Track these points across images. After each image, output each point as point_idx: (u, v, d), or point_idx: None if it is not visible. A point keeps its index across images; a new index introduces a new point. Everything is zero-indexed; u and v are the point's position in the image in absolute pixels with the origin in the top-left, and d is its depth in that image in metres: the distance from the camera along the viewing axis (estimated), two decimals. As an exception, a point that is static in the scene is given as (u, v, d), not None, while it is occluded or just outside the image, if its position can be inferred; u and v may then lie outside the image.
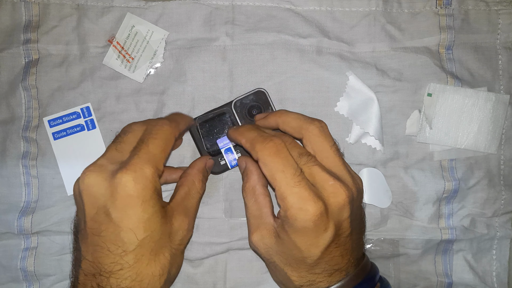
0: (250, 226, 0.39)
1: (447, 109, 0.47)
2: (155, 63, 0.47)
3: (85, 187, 0.34)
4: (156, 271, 0.34)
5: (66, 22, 0.46)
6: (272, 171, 0.35)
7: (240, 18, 0.47)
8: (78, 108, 0.46)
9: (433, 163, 0.47)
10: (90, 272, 0.34)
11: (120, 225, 0.33)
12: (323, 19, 0.47)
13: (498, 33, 0.48)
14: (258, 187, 0.40)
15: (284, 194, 0.34)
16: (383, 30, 0.47)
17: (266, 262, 0.39)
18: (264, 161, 0.35)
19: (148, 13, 0.47)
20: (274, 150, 0.35)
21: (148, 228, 0.33)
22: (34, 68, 0.46)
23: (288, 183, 0.34)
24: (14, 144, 0.46)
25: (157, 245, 0.34)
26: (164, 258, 0.35)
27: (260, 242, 0.38)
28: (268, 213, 0.38)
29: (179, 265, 0.38)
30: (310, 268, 0.36)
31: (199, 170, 0.41)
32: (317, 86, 0.47)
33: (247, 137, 0.38)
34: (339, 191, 0.35)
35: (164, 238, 0.35)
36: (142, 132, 0.37)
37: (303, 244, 0.35)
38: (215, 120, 0.45)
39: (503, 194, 0.47)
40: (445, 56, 0.47)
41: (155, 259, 0.34)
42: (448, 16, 0.47)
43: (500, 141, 0.47)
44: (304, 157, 0.36)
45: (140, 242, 0.33)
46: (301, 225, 0.34)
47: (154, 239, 0.34)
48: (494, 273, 0.47)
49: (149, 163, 0.34)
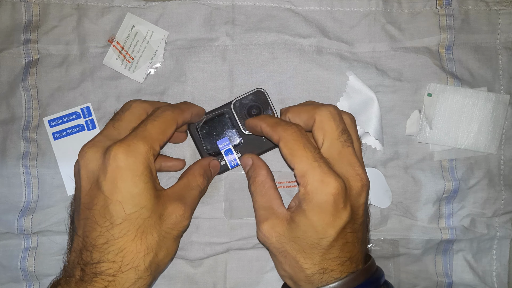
0: (260, 217, 0.38)
1: (447, 109, 0.47)
2: (155, 63, 0.47)
3: (82, 164, 0.35)
4: (141, 249, 0.34)
5: (66, 22, 0.46)
6: (293, 149, 0.36)
7: (240, 18, 0.47)
8: (78, 108, 0.46)
9: (433, 163, 0.47)
10: (77, 248, 0.34)
11: (109, 197, 0.33)
12: (323, 19, 0.47)
13: (498, 33, 0.48)
14: (268, 181, 0.40)
15: (305, 169, 0.35)
16: (383, 30, 0.47)
17: (275, 254, 0.38)
18: (286, 141, 0.36)
19: (148, 13, 0.47)
20: (296, 132, 0.37)
21: (137, 203, 0.33)
22: (34, 68, 0.46)
23: (309, 158, 0.35)
24: (14, 144, 0.46)
25: (145, 223, 0.34)
26: (151, 238, 0.34)
27: (271, 230, 0.37)
28: (279, 204, 0.39)
29: (170, 251, 0.37)
30: (324, 252, 0.35)
31: (201, 166, 0.42)
32: (317, 86, 0.47)
33: (268, 122, 0.39)
34: (360, 176, 0.36)
35: (154, 218, 0.35)
36: (141, 111, 0.39)
37: (320, 222, 0.34)
38: (214, 121, 0.45)
39: (503, 194, 0.47)
40: (445, 56, 0.47)
41: (141, 236, 0.34)
42: (448, 16, 0.47)
43: (500, 141, 0.47)
44: (344, 135, 0.37)
45: (127, 216, 0.33)
46: (321, 199, 0.34)
47: (142, 216, 0.34)
48: (494, 273, 0.47)
49: (144, 140, 0.34)
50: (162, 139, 0.36)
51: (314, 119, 0.38)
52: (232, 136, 0.45)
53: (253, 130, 0.42)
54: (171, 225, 0.36)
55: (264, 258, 0.46)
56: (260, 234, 0.38)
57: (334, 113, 0.37)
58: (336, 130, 0.37)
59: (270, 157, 0.46)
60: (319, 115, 0.37)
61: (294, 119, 0.39)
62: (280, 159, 0.46)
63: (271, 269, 0.46)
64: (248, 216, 0.46)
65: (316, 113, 0.37)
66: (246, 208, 0.46)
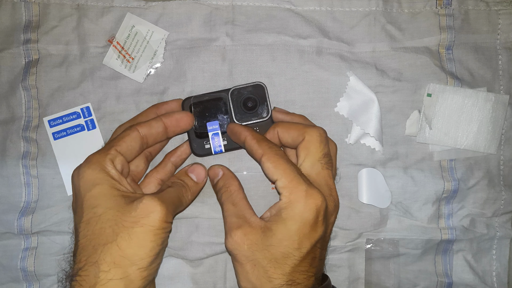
0: (231, 223, 0.38)
1: (446, 109, 0.47)
2: (155, 63, 0.47)
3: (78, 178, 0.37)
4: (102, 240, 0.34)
5: (66, 22, 0.46)
6: (277, 163, 0.37)
7: (240, 19, 0.47)
8: (78, 108, 0.46)
9: (432, 163, 0.47)
10: None
11: (79, 197, 0.36)
12: (323, 19, 0.47)
13: (498, 33, 0.48)
14: (240, 192, 0.41)
15: (290, 179, 0.36)
16: (383, 30, 0.47)
17: (243, 263, 0.37)
18: (269, 156, 0.38)
19: (148, 13, 0.47)
20: (280, 151, 0.39)
21: (101, 204, 0.35)
22: (34, 68, 0.46)
23: (293, 171, 0.37)
24: (14, 144, 0.46)
25: (108, 220, 0.35)
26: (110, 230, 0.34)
27: (244, 238, 0.37)
28: (252, 213, 0.39)
29: (149, 248, 0.35)
30: (296, 264, 0.36)
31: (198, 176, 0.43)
32: (317, 87, 0.47)
33: (254, 135, 0.40)
34: (334, 197, 0.39)
35: (121, 216, 0.34)
36: None
37: (299, 232, 0.35)
38: (209, 103, 0.45)
39: (503, 194, 0.47)
40: (445, 56, 0.47)
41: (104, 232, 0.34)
42: (448, 16, 0.47)
43: (499, 142, 0.47)
44: (326, 158, 0.39)
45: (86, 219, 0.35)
46: (304, 209, 0.35)
47: (107, 216, 0.34)
48: (494, 273, 0.47)
49: (106, 157, 0.37)
50: (128, 155, 0.39)
51: (303, 138, 0.39)
52: (223, 122, 0.45)
53: (235, 136, 0.42)
54: (152, 222, 0.35)
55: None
56: (230, 241, 0.37)
57: (323, 136, 0.39)
58: (321, 152, 0.39)
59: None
60: (309, 135, 0.39)
61: (283, 134, 0.41)
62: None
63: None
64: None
65: (307, 132, 0.39)
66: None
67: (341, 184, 0.47)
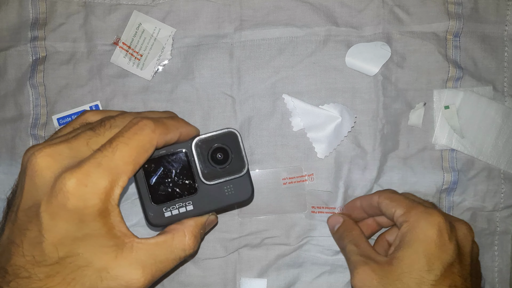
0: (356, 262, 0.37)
1: (473, 120, 0.47)
2: (163, 60, 0.46)
3: (29, 173, 0.28)
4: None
5: (73, 20, 0.46)
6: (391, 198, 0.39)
7: (248, 13, 0.47)
8: (87, 106, 0.46)
9: (434, 153, 0.47)
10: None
11: (44, 235, 0.27)
12: (331, 5, 0.47)
13: (506, 25, 0.47)
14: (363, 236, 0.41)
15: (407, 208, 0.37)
16: (391, 13, 0.47)
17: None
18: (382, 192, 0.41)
19: (155, 10, 0.46)
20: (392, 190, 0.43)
21: (75, 249, 0.28)
22: (41, 65, 0.46)
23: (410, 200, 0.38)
24: (23, 141, 0.46)
25: (80, 272, 0.28)
26: None
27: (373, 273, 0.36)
28: (376, 253, 0.38)
29: None
30: None
31: (196, 224, 0.35)
32: (324, 78, 0.47)
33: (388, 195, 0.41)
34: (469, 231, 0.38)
35: (92, 271, 0.28)
36: None
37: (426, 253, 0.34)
38: (167, 160, 0.35)
39: (503, 187, 0.48)
40: (452, 43, 0.47)
41: (69, 285, 0.28)
42: (457, 4, 0.47)
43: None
44: None
45: (59, 259, 0.28)
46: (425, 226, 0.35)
47: (78, 264, 0.28)
48: (496, 269, 0.48)
49: (107, 172, 0.28)
50: (132, 169, 0.29)
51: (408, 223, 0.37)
52: (186, 183, 0.36)
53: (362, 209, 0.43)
54: None
55: (273, 257, 0.47)
56: (358, 278, 0.36)
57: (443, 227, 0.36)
58: None
59: (279, 152, 0.47)
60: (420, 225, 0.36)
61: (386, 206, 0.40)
62: (288, 157, 0.46)
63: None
64: (261, 214, 0.46)
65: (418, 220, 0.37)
66: (258, 206, 0.46)
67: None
